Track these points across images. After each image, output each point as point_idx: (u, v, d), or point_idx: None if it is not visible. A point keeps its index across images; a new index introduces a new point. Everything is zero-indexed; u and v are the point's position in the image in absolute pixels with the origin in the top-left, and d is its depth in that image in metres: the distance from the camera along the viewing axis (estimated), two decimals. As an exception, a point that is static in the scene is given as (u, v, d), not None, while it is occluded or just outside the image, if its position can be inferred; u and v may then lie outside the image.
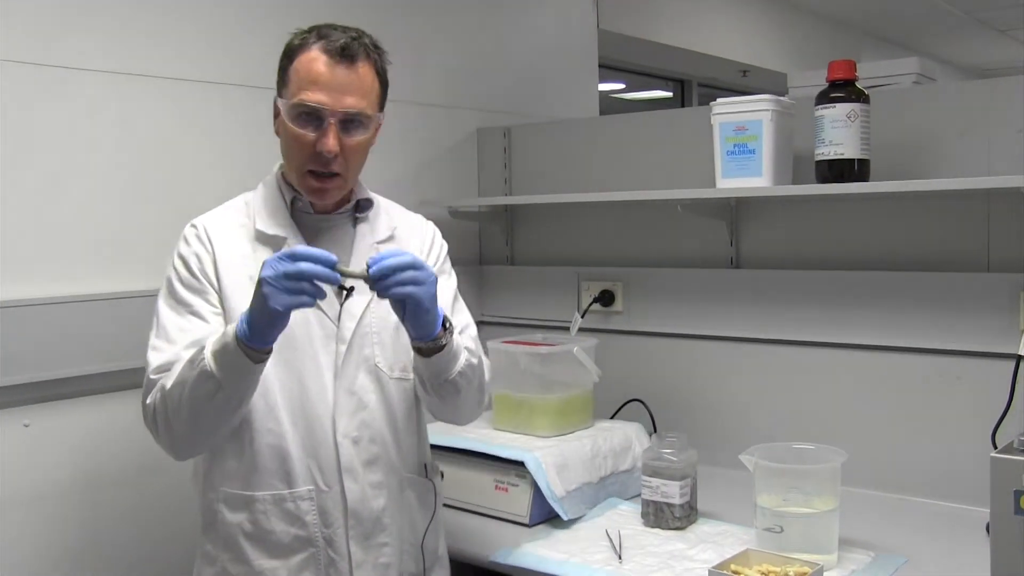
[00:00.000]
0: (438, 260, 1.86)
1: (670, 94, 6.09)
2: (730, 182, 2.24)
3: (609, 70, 5.00)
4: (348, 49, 1.61)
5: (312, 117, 1.61)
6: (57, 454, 1.99)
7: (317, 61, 1.61)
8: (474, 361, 1.71)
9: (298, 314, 1.56)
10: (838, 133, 2.07)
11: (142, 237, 2.11)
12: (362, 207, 1.77)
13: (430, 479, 1.81)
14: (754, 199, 2.37)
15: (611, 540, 1.96)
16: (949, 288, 2.13)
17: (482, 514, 2.14)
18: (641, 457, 2.12)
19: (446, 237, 1.91)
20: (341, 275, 1.48)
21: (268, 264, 1.45)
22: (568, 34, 3.38)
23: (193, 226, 1.70)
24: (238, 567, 1.64)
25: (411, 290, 1.51)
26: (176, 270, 1.66)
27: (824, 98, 2.10)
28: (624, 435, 2.32)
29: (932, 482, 2.16)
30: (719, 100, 2.27)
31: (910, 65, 2.51)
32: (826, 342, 2.31)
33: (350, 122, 1.62)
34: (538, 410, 2.30)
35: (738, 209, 2.47)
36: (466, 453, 2.21)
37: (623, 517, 2.11)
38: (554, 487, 2.08)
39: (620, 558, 1.88)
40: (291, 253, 1.45)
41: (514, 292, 2.87)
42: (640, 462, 2.12)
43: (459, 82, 2.92)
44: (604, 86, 4.52)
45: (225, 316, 1.64)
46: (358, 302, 1.68)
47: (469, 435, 2.29)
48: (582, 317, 2.63)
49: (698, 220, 2.47)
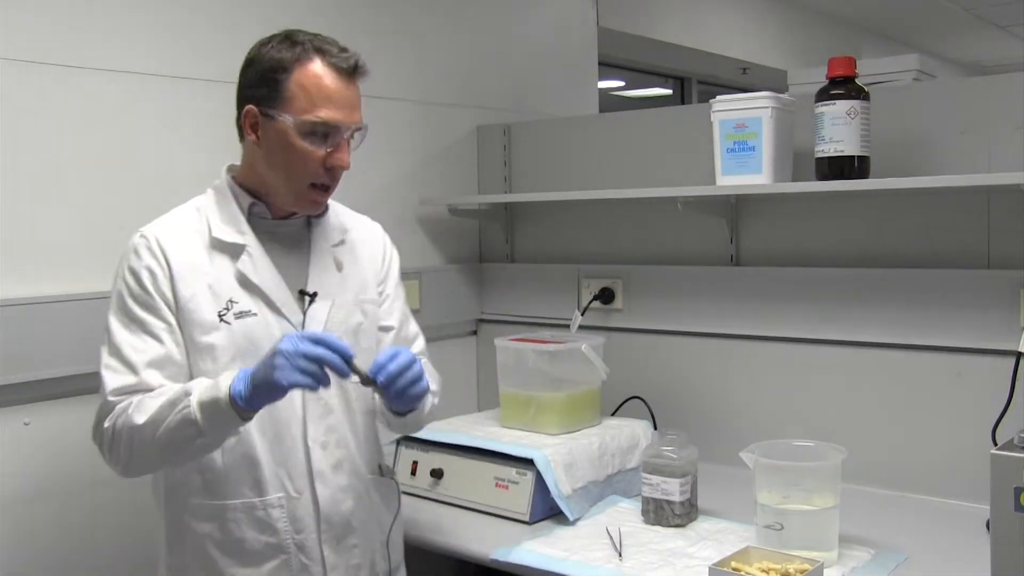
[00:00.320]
0: (392, 272, 1.90)
1: (670, 91, 6.09)
2: (730, 179, 2.24)
3: (609, 67, 5.00)
4: (358, 68, 1.66)
5: (323, 133, 1.62)
6: (57, 453, 1.99)
7: (326, 78, 1.62)
8: (436, 401, 1.82)
9: (262, 323, 1.61)
10: (838, 130, 2.06)
11: (142, 236, 2.11)
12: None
13: (391, 479, 1.85)
14: (754, 196, 2.37)
15: (611, 538, 1.96)
16: (949, 285, 2.13)
17: (482, 512, 2.14)
18: (642, 454, 2.12)
19: (446, 234, 1.91)
20: (352, 371, 1.52)
21: (288, 339, 1.47)
22: (568, 32, 3.38)
23: (143, 236, 1.64)
24: None
25: (417, 389, 1.59)
26: (127, 284, 1.62)
27: (824, 95, 2.10)
28: (631, 433, 2.32)
29: (932, 479, 2.16)
30: (719, 97, 2.27)
31: (910, 62, 2.50)
32: (826, 339, 2.31)
33: (354, 136, 1.67)
34: (546, 408, 2.30)
35: (738, 206, 2.47)
36: (466, 450, 2.21)
37: (623, 514, 2.11)
38: (561, 485, 2.08)
39: (620, 556, 1.88)
40: (314, 337, 1.48)
41: (514, 290, 2.87)
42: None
43: (459, 80, 2.92)
44: (604, 83, 4.51)
45: (182, 329, 1.61)
46: (321, 308, 1.70)
47: (477, 433, 2.29)
48: (582, 315, 2.63)
49: (698, 217, 2.47)
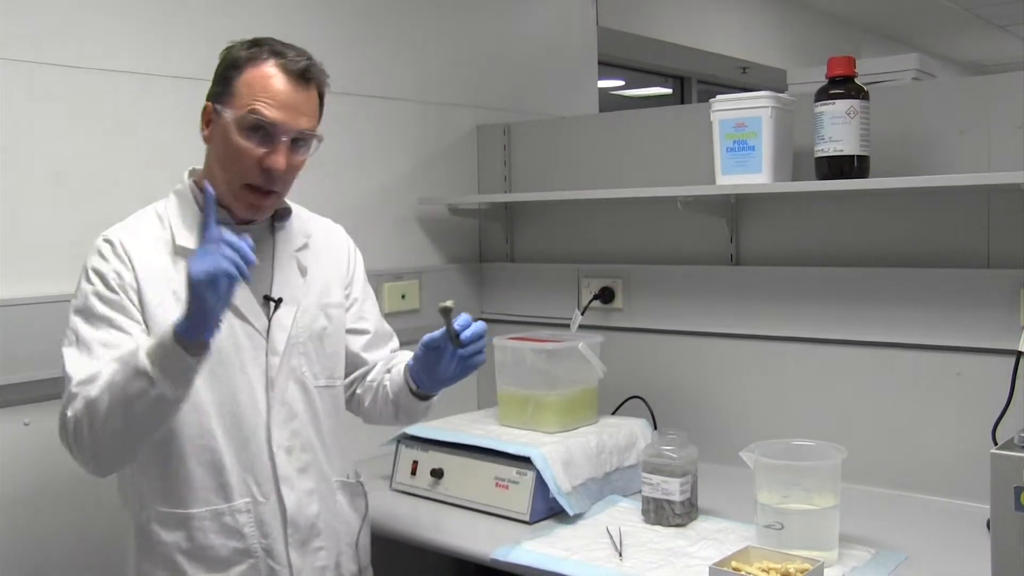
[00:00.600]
0: (358, 275, 1.91)
1: (669, 91, 6.09)
2: (730, 179, 2.24)
3: (608, 67, 5.00)
4: (308, 72, 1.64)
5: (262, 132, 1.61)
6: (57, 453, 1.97)
7: (274, 78, 1.61)
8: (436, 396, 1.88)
9: (226, 328, 1.59)
10: (838, 130, 2.06)
11: (142, 235, 2.10)
12: (280, 216, 1.78)
13: (358, 482, 1.86)
14: (754, 196, 2.37)
15: (611, 537, 1.96)
16: (949, 284, 2.13)
17: (483, 512, 2.14)
18: (642, 454, 2.12)
19: (446, 234, 1.92)
20: (443, 313, 1.63)
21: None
22: (567, 31, 3.38)
23: (108, 241, 1.63)
24: None
25: (482, 358, 1.71)
26: (93, 285, 1.59)
27: (824, 94, 2.10)
28: (629, 431, 2.32)
29: (932, 478, 2.16)
30: (719, 97, 2.27)
31: (909, 61, 2.51)
32: (826, 339, 2.31)
33: (298, 141, 1.64)
34: (543, 406, 2.30)
35: (738, 206, 2.47)
36: (466, 450, 2.21)
37: (623, 514, 2.11)
38: (560, 482, 2.08)
39: (620, 555, 1.88)
40: (207, 234, 1.48)
41: (514, 289, 2.87)
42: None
43: (459, 79, 2.92)
44: (603, 83, 4.51)
45: (149, 332, 1.59)
46: (286, 314, 1.71)
47: (475, 432, 2.29)
48: (582, 314, 2.63)
49: (698, 217, 2.47)
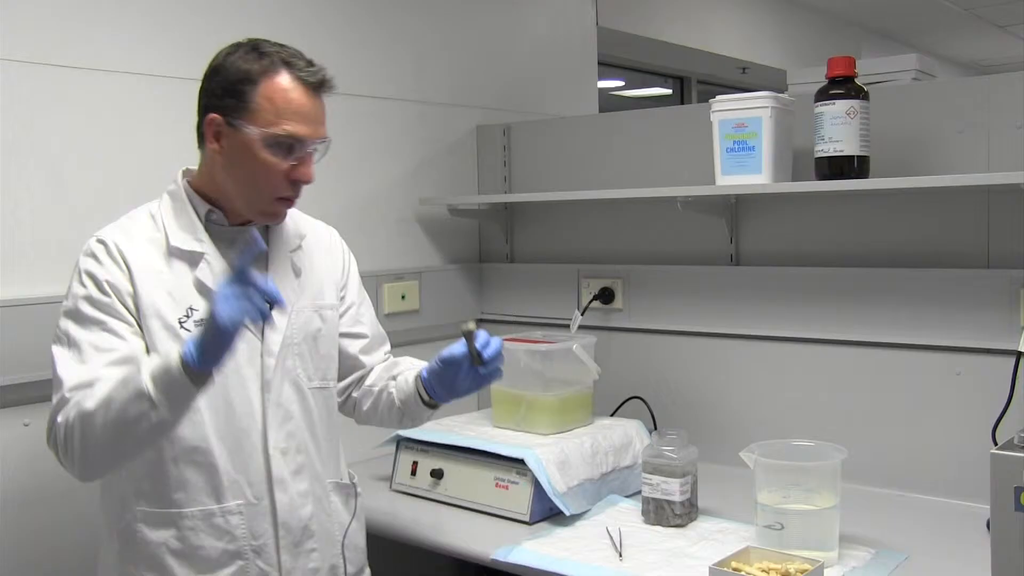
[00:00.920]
0: (352, 278, 1.92)
1: (669, 91, 6.08)
2: (730, 179, 2.24)
3: (608, 67, 4.99)
4: (325, 83, 1.65)
5: (287, 147, 1.61)
6: (57, 453, 1.99)
7: (295, 92, 1.61)
8: None
9: None
10: (837, 130, 2.06)
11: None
12: None
13: (351, 483, 1.86)
14: (754, 196, 2.37)
15: (611, 538, 1.96)
16: (949, 284, 2.13)
17: (483, 512, 2.14)
18: (642, 454, 2.12)
19: (446, 234, 1.92)
20: (466, 336, 1.68)
21: (220, 286, 1.48)
22: (567, 31, 3.38)
23: (102, 242, 1.62)
24: None
25: (500, 375, 1.75)
26: (85, 287, 1.58)
27: (823, 95, 2.10)
28: (624, 432, 2.32)
29: (932, 479, 2.16)
30: (718, 97, 2.27)
31: (909, 62, 2.50)
32: (826, 339, 2.31)
33: (317, 148, 1.66)
34: (538, 408, 2.30)
35: (738, 206, 2.47)
36: (466, 451, 2.21)
37: (623, 514, 2.11)
38: (555, 483, 2.08)
39: (620, 556, 1.88)
40: (238, 272, 1.46)
41: (514, 290, 2.87)
42: (641, 459, 2.12)
43: (458, 80, 2.92)
44: (603, 83, 4.51)
45: (144, 335, 1.59)
46: (281, 315, 1.70)
47: (469, 433, 2.29)
48: (582, 315, 2.63)
49: (698, 217, 2.47)
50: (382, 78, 2.68)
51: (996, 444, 1.75)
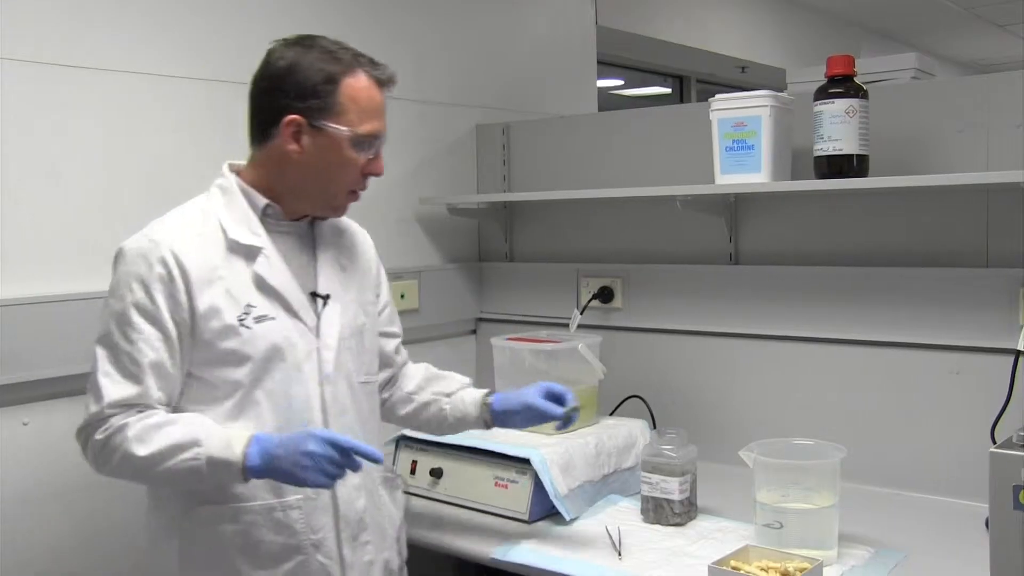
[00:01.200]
0: (383, 278, 1.95)
1: (668, 90, 6.08)
2: (729, 178, 2.24)
3: (607, 66, 5.00)
4: (392, 80, 1.70)
5: (368, 144, 1.67)
6: (57, 453, 1.98)
7: (371, 90, 1.66)
8: None
9: (278, 326, 1.63)
10: (837, 129, 2.06)
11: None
12: None
13: (396, 476, 1.89)
14: (753, 195, 2.37)
15: (611, 537, 1.96)
16: (948, 283, 2.13)
17: (482, 511, 2.14)
18: (641, 453, 2.12)
19: (445, 234, 1.93)
20: (572, 411, 1.87)
21: (319, 441, 1.53)
22: (566, 31, 3.38)
23: (153, 242, 1.59)
24: None
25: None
26: (133, 292, 1.57)
27: (823, 94, 2.10)
28: (628, 432, 2.32)
29: (931, 477, 2.17)
30: (718, 96, 2.27)
31: (908, 61, 2.50)
32: (825, 338, 2.31)
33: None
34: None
35: (737, 205, 2.47)
36: (466, 450, 2.21)
37: (623, 514, 2.11)
38: (558, 485, 2.07)
39: (620, 555, 1.88)
40: (346, 446, 1.54)
41: (513, 289, 2.87)
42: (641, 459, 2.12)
43: (458, 79, 2.92)
44: (602, 82, 4.51)
45: (198, 337, 1.59)
46: (333, 311, 1.72)
47: (473, 432, 2.28)
48: (581, 314, 2.63)
49: (697, 216, 2.47)
50: (382, 77, 2.68)
51: (995, 443, 1.76)
